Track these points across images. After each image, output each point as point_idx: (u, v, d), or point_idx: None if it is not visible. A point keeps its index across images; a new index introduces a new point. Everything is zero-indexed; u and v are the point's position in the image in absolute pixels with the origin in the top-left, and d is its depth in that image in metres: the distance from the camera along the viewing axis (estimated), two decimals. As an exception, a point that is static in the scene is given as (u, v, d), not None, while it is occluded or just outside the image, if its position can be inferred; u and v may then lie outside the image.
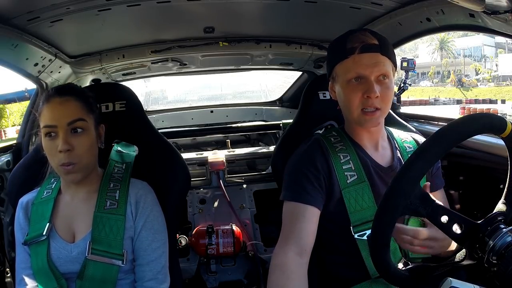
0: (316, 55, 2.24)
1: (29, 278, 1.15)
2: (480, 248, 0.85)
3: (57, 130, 1.11)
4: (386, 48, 1.14)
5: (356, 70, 1.11)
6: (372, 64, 1.11)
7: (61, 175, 1.17)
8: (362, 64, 1.11)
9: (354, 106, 1.13)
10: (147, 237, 1.20)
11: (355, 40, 1.13)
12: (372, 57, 1.11)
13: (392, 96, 1.16)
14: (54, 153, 1.11)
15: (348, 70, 1.13)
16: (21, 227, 1.20)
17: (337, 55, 1.17)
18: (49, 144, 1.12)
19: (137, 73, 2.38)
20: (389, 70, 1.13)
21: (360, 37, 1.13)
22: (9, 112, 24.44)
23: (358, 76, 1.11)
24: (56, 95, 1.14)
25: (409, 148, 1.26)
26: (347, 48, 1.13)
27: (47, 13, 1.39)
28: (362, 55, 1.11)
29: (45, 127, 1.12)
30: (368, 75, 1.11)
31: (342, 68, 1.15)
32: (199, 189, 2.28)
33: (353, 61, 1.12)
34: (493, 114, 1.03)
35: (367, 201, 1.13)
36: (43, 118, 1.13)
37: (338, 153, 1.18)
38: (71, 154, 1.11)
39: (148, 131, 1.51)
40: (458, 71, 52.34)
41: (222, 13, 1.72)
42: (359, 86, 1.11)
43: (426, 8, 1.39)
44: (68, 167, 1.11)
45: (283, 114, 3.02)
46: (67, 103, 1.14)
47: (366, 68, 1.11)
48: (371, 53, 1.12)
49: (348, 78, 1.13)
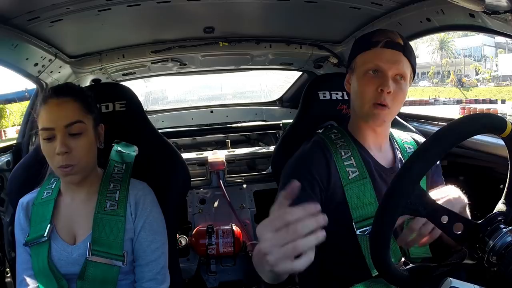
0: (316, 55, 2.24)
1: (30, 279, 1.15)
2: (480, 248, 0.85)
3: (55, 133, 1.10)
4: (409, 51, 1.15)
5: (376, 62, 1.11)
6: (392, 61, 1.11)
7: (60, 176, 1.17)
8: (383, 58, 1.11)
9: (367, 99, 1.13)
10: (147, 238, 1.20)
11: (381, 35, 1.14)
12: (394, 54, 1.12)
13: (403, 100, 1.16)
14: (52, 155, 1.11)
15: (368, 61, 1.13)
16: (22, 227, 1.20)
17: (361, 45, 1.17)
18: (47, 146, 1.11)
19: (137, 73, 2.38)
20: (407, 72, 1.13)
21: (387, 33, 1.14)
22: (9, 112, 24.45)
23: (377, 68, 1.11)
24: (53, 96, 1.13)
25: (409, 149, 1.26)
26: (372, 40, 1.14)
27: (47, 13, 1.39)
28: (384, 50, 1.12)
29: (43, 129, 1.11)
30: (386, 70, 1.11)
31: (362, 59, 1.15)
32: (199, 189, 2.28)
33: (374, 54, 1.12)
34: (493, 114, 1.03)
35: (369, 197, 1.13)
36: (40, 120, 1.12)
37: (339, 149, 1.18)
38: (69, 156, 1.10)
39: (148, 131, 1.51)
40: (458, 71, 52.35)
41: (222, 13, 1.72)
42: (375, 79, 1.11)
43: (426, 8, 1.39)
44: (66, 169, 1.10)
45: (283, 114, 3.02)
46: (65, 105, 1.12)
47: (386, 63, 1.11)
48: (394, 50, 1.12)
49: (366, 68, 1.13)
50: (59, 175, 1.15)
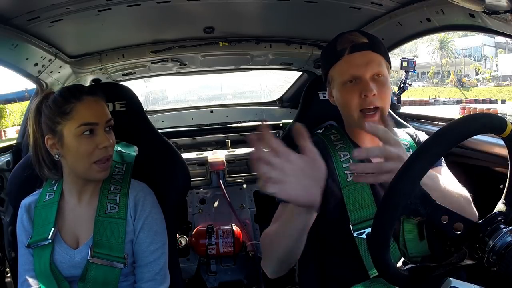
0: (316, 55, 2.24)
1: (32, 280, 1.16)
2: (480, 248, 0.85)
3: (97, 128, 1.12)
4: (377, 45, 1.14)
5: (350, 71, 1.11)
6: (364, 63, 1.10)
7: (92, 174, 1.14)
8: (355, 65, 1.10)
9: (353, 108, 1.12)
10: (146, 239, 1.20)
11: (344, 41, 1.13)
12: (363, 56, 1.11)
13: (389, 94, 1.15)
14: (93, 150, 1.11)
15: (342, 73, 1.12)
16: (25, 229, 1.19)
17: (329, 59, 1.17)
18: (87, 142, 1.11)
19: (137, 73, 2.38)
20: (383, 67, 1.12)
21: (349, 38, 1.13)
22: (9, 112, 24.44)
23: (353, 77, 1.11)
24: (89, 94, 1.15)
25: (405, 146, 1.25)
26: (338, 50, 1.13)
27: (47, 13, 1.39)
28: (353, 55, 1.11)
29: (86, 124, 1.11)
30: (363, 75, 1.10)
31: (336, 72, 1.15)
32: (199, 189, 2.28)
33: (345, 63, 1.12)
34: (493, 114, 1.03)
35: (367, 200, 1.13)
36: (79, 116, 1.11)
37: (338, 151, 1.17)
38: (108, 149, 1.14)
39: (148, 131, 1.52)
40: (458, 71, 52.35)
41: (222, 13, 1.72)
42: (355, 87, 1.11)
43: (426, 8, 1.39)
44: (104, 164, 1.14)
45: (283, 114, 3.02)
46: (100, 102, 1.17)
47: (359, 68, 1.10)
48: (362, 51, 1.11)
49: (343, 80, 1.12)
50: (92, 172, 1.13)
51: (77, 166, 1.14)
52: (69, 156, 1.13)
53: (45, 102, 1.15)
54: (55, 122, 1.11)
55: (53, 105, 1.12)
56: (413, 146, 1.25)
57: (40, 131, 1.16)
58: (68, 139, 1.11)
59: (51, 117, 1.12)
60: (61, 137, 1.12)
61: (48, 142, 1.14)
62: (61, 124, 1.11)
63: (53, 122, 1.12)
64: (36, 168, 1.21)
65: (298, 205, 0.78)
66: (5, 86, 33.01)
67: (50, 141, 1.13)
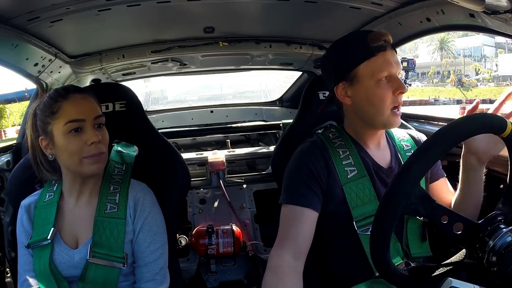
0: (316, 55, 2.24)
1: (32, 280, 1.16)
2: (480, 248, 0.85)
3: (84, 124, 1.12)
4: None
5: (388, 68, 1.10)
6: (396, 61, 1.12)
7: (85, 168, 1.14)
8: (391, 62, 1.11)
9: (386, 106, 1.11)
10: (145, 239, 1.20)
11: (377, 38, 1.10)
12: (393, 54, 1.13)
13: None
14: (81, 146, 1.11)
15: (378, 69, 1.10)
16: (25, 230, 1.19)
17: (360, 54, 1.11)
18: (75, 138, 1.11)
19: (137, 73, 2.38)
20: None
21: (381, 35, 1.12)
22: (9, 112, 24.43)
23: (389, 74, 1.10)
24: (75, 92, 1.15)
25: (407, 147, 1.25)
26: (372, 46, 1.10)
27: (47, 13, 1.39)
28: (386, 53, 1.11)
29: (72, 121, 1.11)
30: (396, 72, 1.11)
31: (368, 68, 1.10)
32: (199, 189, 2.28)
33: (382, 59, 1.10)
34: (493, 114, 1.03)
35: (368, 195, 1.13)
36: (65, 114, 1.11)
37: (337, 148, 1.18)
38: (98, 145, 1.13)
39: (148, 131, 1.52)
40: (458, 71, 52.32)
41: (222, 13, 1.72)
42: (388, 84, 1.10)
43: (426, 8, 1.39)
44: (98, 157, 1.13)
45: (283, 114, 3.02)
46: (88, 99, 1.16)
47: (394, 66, 1.11)
48: (391, 50, 1.13)
49: (379, 77, 1.10)
50: (84, 166, 1.13)
51: (69, 163, 1.15)
52: (60, 155, 1.14)
53: (38, 105, 1.17)
54: (46, 123, 1.13)
55: (44, 106, 1.14)
56: (415, 147, 1.25)
57: (35, 133, 1.17)
58: (57, 138, 1.12)
59: (43, 118, 1.14)
60: (52, 136, 1.13)
61: (42, 143, 1.15)
62: (51, 124, 1.12)
63: (44, 123, 1.14)
64: (35, 171, 1.21)
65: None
66: (5, 86, 33.05)
67: (44, 142, 1.15)
